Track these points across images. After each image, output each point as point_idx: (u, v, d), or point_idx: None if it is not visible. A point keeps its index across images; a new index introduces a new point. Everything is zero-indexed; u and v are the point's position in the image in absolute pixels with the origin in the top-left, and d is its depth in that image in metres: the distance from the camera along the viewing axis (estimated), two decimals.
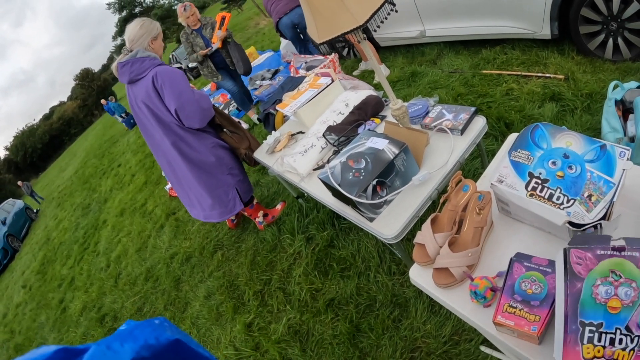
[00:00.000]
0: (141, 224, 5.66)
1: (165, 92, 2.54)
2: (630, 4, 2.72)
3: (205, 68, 5.13)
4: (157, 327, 0.66)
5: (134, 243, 5.24)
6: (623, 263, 0.85)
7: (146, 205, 6.19)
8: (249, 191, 3.16)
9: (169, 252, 4.25)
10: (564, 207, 1.11)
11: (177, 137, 2.73)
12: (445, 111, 2.06)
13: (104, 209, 8.06)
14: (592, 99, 2.76)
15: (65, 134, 71.96)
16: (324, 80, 2.80)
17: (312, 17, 1.60)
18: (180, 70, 2.68)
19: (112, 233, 6.38)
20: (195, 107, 2.61)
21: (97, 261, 5.78)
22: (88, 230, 7.63)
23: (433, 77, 4.03)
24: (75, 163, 23.39)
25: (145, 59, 2.55)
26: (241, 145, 2.98)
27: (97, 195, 9.73)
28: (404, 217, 1.66)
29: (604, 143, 1.16)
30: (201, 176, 2.87)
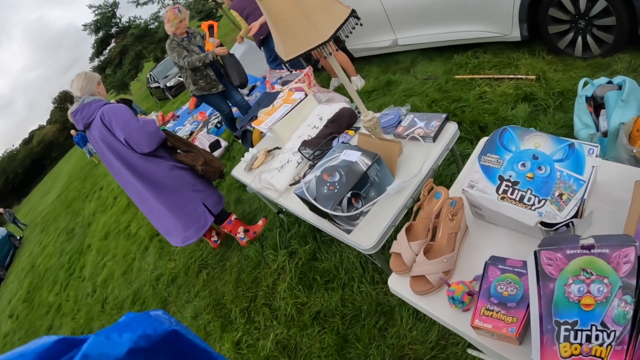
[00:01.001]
0: (126, 246, 5.61)
1: (113, 125, 2.75)
2: (596, 1, 2.79)
3: (202, 79, 4.51)
4: (155, 318, 0.67)
5: (120, 266, 5.19)
6: (593, 261, 0.86)
7: (130, 227, 6.14)
8: (218, 204, 3.25)
9: (154, 273, 4.22)
10: (536, 207, 1.13)
11: (136, 166, 2.90)
12: (417, 119, 2.08)
13: (88, 233, 7.98)
14: (564, 96, 2.81)
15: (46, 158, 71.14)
16: (297, 95, 2.83)
17: (278, 35, 1.62)
18: (123, 104, 2.89)
19: (97, 257, 6.32)
20: (141, 133, 2.78)
21: (84, 286, 5.71)
22: (73, 255, 7.55)
23: (408, 85, 4.07)
24: (57, 187, 23.15)
25: (92, 102, 2.79)
26: (197, 162, 3.09)
27: (81, 219, 9.63)
28: (380, 227, 1.67)
29: (572, 142, 1.19)
30: (168, 199, 3.01)
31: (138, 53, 28.77)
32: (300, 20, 1.52)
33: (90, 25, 29.73)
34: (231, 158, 5.46)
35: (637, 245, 0.84)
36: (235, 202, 4.21)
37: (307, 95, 2.79)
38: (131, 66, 29.16)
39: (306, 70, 4.29)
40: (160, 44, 27.98)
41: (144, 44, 28.33)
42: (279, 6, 1.52)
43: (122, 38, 29.94)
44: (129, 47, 28.95)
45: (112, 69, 29.97)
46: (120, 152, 2.84)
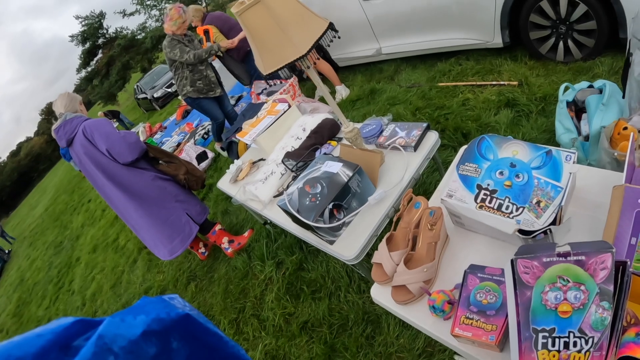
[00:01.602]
0: (114, 259, 5.57)
1: (95, 137, 2.81)
2: (576, 6, 2.84)
3: (201, 80, 4.37)
4: (169, 302, 0.69)
5: (108, 279, 5.14)
6: (570, 268, 0.87)
7: (118, 240, 6.10)
8: (202, 213, 3.28)
9: (143, 286, 4.19)
10: (514, 215, 1.14)
11: (119, 178, 2.94)
12: (399, 129, 2.11)
13: (77, 246, 7.91)
14: (546, 101, 2.85)
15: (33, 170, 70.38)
16: (281, 107, 2.84)
17: (257, 50, 1.63)
18: (104, 119, 3.01)
19: (85, 270, 6.26)
20: (122, 143, 2.83)
21: (73, 300, 5.65)
22: (62, 268, 7.47)
23: (392, 93, 4.10)
24: (45, 200, 22.92)
25: (74, 119, 2.86)
26: (179, 172, 3.14)
27: (69, 232, 9.54)
28: (362, 237, 1.69)
29: (550, 149, 1.21)
30: (151, 211, 3.04)
31: (125, 64, 28.62)
32: (277, 35, 1.54)
33: (77, 36, 29.59)
34: (218, 169, 5.45)
35: (613, 251, 0.84)
36: (222, 213, 4.21)
37: (290, 107, 2.81)
38: (118, 77, 28.99)
39: (291, 80, 4.31)
40: (147, 54, 27.87)
41: (131, 55, 28.21)
42: (257, 21, 1.54)
43: (109, 49, 29.78)
44: (116, 58, 28.79)
45: (99, 80, 29.80)
46: (103, 164, 2.88)
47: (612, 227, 0.98)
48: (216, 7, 24.92)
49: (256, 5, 1.49)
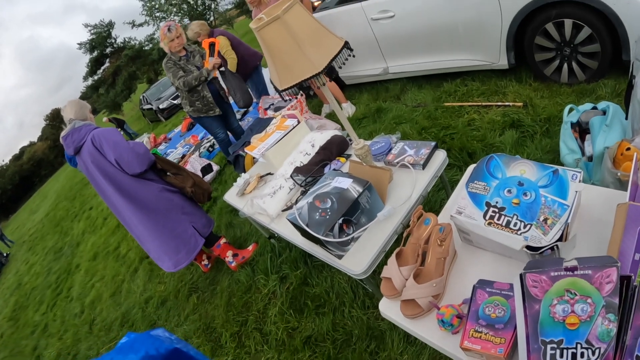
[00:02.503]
0: (115, 268, 5.56)
1: (104, 147, 2.80)
2: (581, 29, 2.90)
3: (199, 100, 4.30)
4: (156, 338, 0.69)
5: (108, 288, 5.13)
6: (577, 282, 0.90)
7: (119, 249, 6.09)
8: (207, 226, 3.28)
9: (143, 296, 4.18)
10: (521, 232, 1.18)
11: (126, 189, 2.94)
12: (407, 147, 2.14)
13: (77, 253, 7.88)
14: (550, 122, 2.89)
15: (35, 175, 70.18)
16: (290, 122, 2.88)
17: (273, 65, 1.68)
18: (113, 128, 2.99)
19: (85, 277, 6.24)
20: (131, 153, 2.83)
21: (71, 307, 5.62)
22: (61, 274, 7.45)
23: (397, 112, 4.14)
24: (46, 205, 22.86)
25: (82, 127, 2.85)
26: (186, 184, 3.13)
27: (69, 238, 9.51)
28: (371, 252, 1.71)
29: (556, 168, 1.24)
30: (158, 222, 3.05)
31: (131, 74, 28.91)
32: (295, 52, 1.58)
33: (85, 44, 29.92)
34: (223, 182, 5.47)
35: (618, 265, 0.87)
36: (226, 226, 4.21)
37: (299, 122, 2.84)
38: (124, 86, 29.26)
39: (299, 96, 4.35)
40: (153, 65, 28.18)
41: (137, 65, 28.51)
42: (275, 38, 1.58)
43: (116, 58, 30.10)
44: (122, 68, 29.10)
45: (105, 89, 30.06)
46: (111, 174, 2.88)
47: (616, 243, 1.01)
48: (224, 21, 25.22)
49: (275, 22, 1.53)
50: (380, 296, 1.46)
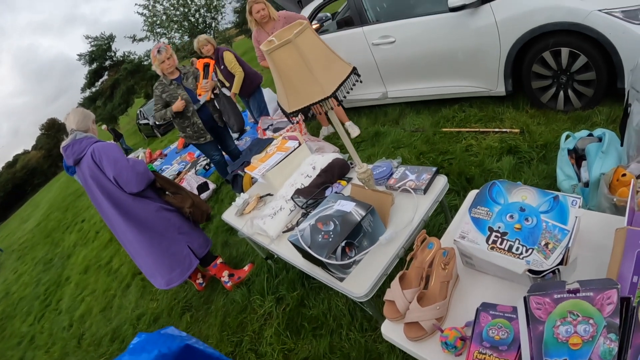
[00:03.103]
0: (106, 282, 5.50)
1: (104, 163, 2.78)
2: (577, 57, 2.99)
3: (189, 127, 4.20)
4: (167, 336, 0.70)
5: (99, 302, 5.07)
6: (579, 303, 0.93)
7: (112, 263, 6.03)
8: (204, 247, 3.26)
9: (135, 312, 4.13)
10: (523, 256, 1.20)
11: (123, 206, 2.92)
12: (409, 172, 2.17)
13: (67, 265, 7.79)
14: (547, 149, 2.95)
15: (28, 184, 69.45)
16: (291, 144, 2.90)
17: (283, 88, 1.70)
18: (113, 143, 2.95)
19: (75, 290, 6.16)
20: (130, 172, 2.81)
21: (60, 319, 5.53)
22: (50, 286, 7.33)
23: (396, 137, 4.19)
24: (37, 215, 22.66)
25: (83, 139, 2.84)
26: (185, 204, 3.12)
27: (60, 250, 9.41)
28: (373, 275, 1.71)
29: (557, 194, 1.28)
30: (153, 240, 3.02)
31: (129, 88, 29.04)
32: (305, 75, 1.61)
33: (85, 55, 30.09)
34: (219, 201, 5.46)
35: (619, 287, 0.90)
36: (222, 245, 4.20)
37: (300, 144, 2.86)
38: (121, 100, 29.37)
39: (298, 118, 4.38)
40: (152, 80, 28.30)
41: (136, 80, 28.66)
42: (286, 60, 1.61)
43: (115, 71, 30.27)
44: (121, 81, 29.24)
45: (102, 101, 30.15)
46: (109, 190, 2.86)
47: (615, 266, 1.04)
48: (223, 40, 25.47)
49: (287, 45, 1.56)
50: (381, 319, 1.47)
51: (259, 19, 4.26)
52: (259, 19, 4.27)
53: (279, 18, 4.31)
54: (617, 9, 2.77)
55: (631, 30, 2.72)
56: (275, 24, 4.30)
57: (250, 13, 4.29)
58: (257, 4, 4.23)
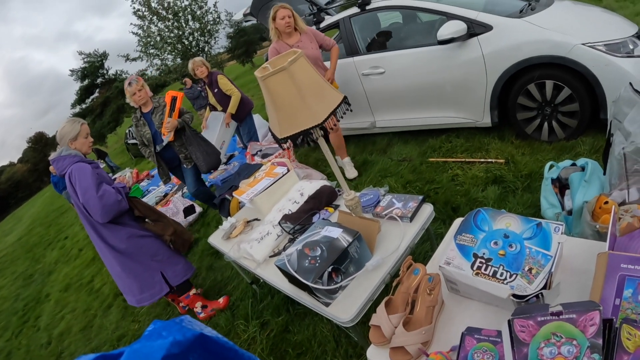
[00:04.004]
0: (87, 301, 5.40)
1: (76, 188, 2.76)
2: (561, 89, 3.10)
3: (159, 167, 4.13)
4: (182, 325, 0.71)
5: (79, 321, 4.96)
6: (562, 325, 0.95)
7: (93, 282, 5.93)
8: (180, 275, 3.19)
9: (116, 333, 4.05)
10: (508, 281, 1.23)
11: (97, 227, 2.91)
12: (395, 200, 2.21)
13: (48, 282, 7.64)
14: (531, 178, 3.01)
15: (12, 197, 68.01)
16: (280, 170, 2.93)
17: (275, 114, 1.74)
18: (89, 168, 2.80)
19: (55, 308, 6.02)
20: (97, 204, 2.73)
21: (38, 336, 5.39)
22: (29, 302, 7.17)
23: (383, 166, 4.24)
24: (19, 229, 22.24)
25: (66, 157, 2.83)
26: (165, 232, 3.09)
27: (41, 266, 9.25)
28: (359, 301, 1.72)
29: (540, 221, 1.33)
30: (126, 263, 3.00)
31: (120, 107, 28.94)
32: (297, 102, 1.66)
33: (77, 71, 30.04)
34: (205, 224, 5.43)
35: (601, 309, 0.93)
36: (207, 268, 4.17)
37: (289, 171, 2.89)
38: (111, 119, 29.24)
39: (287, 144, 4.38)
40: None
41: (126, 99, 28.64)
42: (279, 87, 1.66)
43: (106, 89, 30.19)
44: (111, 100, 29.17)
45: (92, 119, 29.96)
46: (84, 212, 2.85)
47: (597, 290, 1.07)
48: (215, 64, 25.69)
49: (281, 72, 1.61)
50: (365, 345, 1.47)
51: (282, 27, 3.74)
52: (283, 28, 3.74)
53: (306, 32, 3.86)
54: (600, 43, 2.90)
55: (614, 62, 2.83)
56: (301, 38, 3.82)
57: (273, 19, 3.78)
58: (284, 9, 3.77)
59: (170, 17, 22.70)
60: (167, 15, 22.63)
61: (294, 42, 3.78)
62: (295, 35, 3.82)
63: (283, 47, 3.75)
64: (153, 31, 23.01)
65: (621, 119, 1.98)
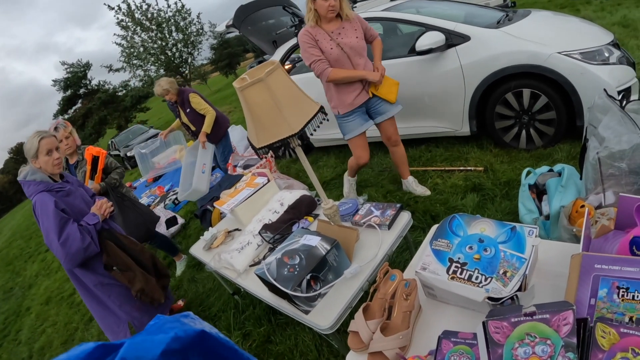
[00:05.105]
0: (68, 315, 5.30)
1: (39, 225, 2.49)
2: (538, 98, 3.17)
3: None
4: (184, 322, 0.71)
5: (60, 335, 4.87)
6: (536, 325, 0.97)
7: (74, 296, 5.81)
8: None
9: None
10: (483, 285, 1.25)
11: None
12: (374, 208, 2.23)
13: (28, 295, 7.51)
14: (509, 186, 3.06)
15: None
16: (260, 180, 2.95)
17: (252, 124, 1.76)
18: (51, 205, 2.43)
19: (36, 322, 5.91)
20: (58, 252, 2.41)
21: (19, 350, 5.29)
22: (9, 316, 7.04)
23: (364, 176, 4.27)
24: None
25: (31, 183, 2.50)
26: (133, 286, 2.74)
27: (21, 279, 9.09)
28: (337, 308, 1.74)
29: (514, 225, 1.35)
30: (92, 302, 2.81)
31: (102, 118, 28.74)
32: (274, 112, 1.68)
33: (60, 81, 29.79)
34: (187, 236, 5.39)
35: (574, 308, 0.95)
36: (188, 281, 4.12)
37: (269, 181, 2.91)
38: (93, 130, 28.99)
39: (268, 155, 4.39)
40: (125, 112, 28.16)
41: (109, 110, 28.43)
42: (256, 98, 1.68)
43: (88, 100, 29.96)
44: (94, 111, 28.94)
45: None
46: None
47: (572, 290, 1.09)
48: (198, 76, 25.64)
49: (258, 83, 1.63)
50: (346, 352, 1.48)
51: (324, 10, 2.97)
52: (324, 11, 2.98)
53: (351, 19, 3.09)
54: (575, 51, 2.97)
55: (589, 70, 2.91)
56: (343, 25, 3.07)
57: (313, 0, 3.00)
58: None
59: (154, 28, 22.66)
60: (151, 26, 22.59)
61: (334, 28, 3.08)
62: (335, 22, 3.11)
63: (320, 34, 3.02)
64: (137, 42, 22.95)
65: (596, 124, 2.03)
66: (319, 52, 2.96)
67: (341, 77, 2.96)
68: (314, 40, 2.98)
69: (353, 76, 2.97)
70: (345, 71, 2.98)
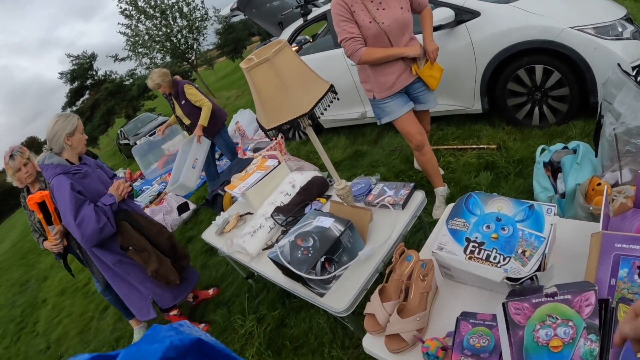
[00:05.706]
0: (83, 305, 5.38)
1: (57, 207, 2.58)
2: (551, 74, 3.09)
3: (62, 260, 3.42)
4: (180, 330, 0.70)
5: (76, 325, 4.94)
6: (558, 306, 0.94)
7: (89, 286, 5.89)
8: (171, 300, 3.03)
9: (113, 335, 4.04)
10: (501, 265, 1.22)
11: None
12: (387, 188, 2.19)
13: (44, 288, 7.61)
14: (523, 163, 3.01)
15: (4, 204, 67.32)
16: (271, 162, 2.91)
17: (261, 105, 1.73)
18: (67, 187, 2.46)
19: (52, 313, 6.00)
20: (75, 233, 2.48)
21: (36, 342, 5.36)
22: (26, 308, 7.15)
23: (375, 157, 4.24)
24: (13, 236, 22.13)
25: (49, 167, 2.54)
26: (148, 266, 2.79)
27: (36, 272, 9.21)
28: (353, 290, 1.72)
29: (532, 203, 1.31)
30: (115, 280, 2.91)
31: (110, 108, 28.78)
32: (282, 93, 1.64)
33: (66, 74, 29.87)
34: (198, 222, 5.40)
35: (596, 289, 0.92)
36: (201, 266, 4.14)
37: (280, 163, 2.88)
38: (102, 120, 29.06)
39: (278, 138, 4.36)
40: (132, 102, 28.16)
41: (116, 100, 28.46)
42: (264, 78, 1.64)
43: (96, 91, 30.01)
44: (101, 102, 29.00)
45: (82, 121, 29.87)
46: None
47: (592, 270, 1.06)
48: (204, 61, 25.50)
49: (264, 63, 1.59)
50: (361, 335, 1.46)
51: None
52: None
53: None
54: (588, 26, 2.88)
55: (603, 45, 2.82)
56: None
57: None
58: None
59: (158, 15, 22.49)
60: (155, 14, 22.43)
61: None
62: None
63: (356, 4, 2.45)
64: (141, 30, 22.83)
65: (611, 100, 1.98)
66: (354, 27, 2.45)
67: (375, 58, 2.50)
68: (349, 11, 2.43)
69: (390, 55, 2.51)
70: (381, 50, 2.50)
